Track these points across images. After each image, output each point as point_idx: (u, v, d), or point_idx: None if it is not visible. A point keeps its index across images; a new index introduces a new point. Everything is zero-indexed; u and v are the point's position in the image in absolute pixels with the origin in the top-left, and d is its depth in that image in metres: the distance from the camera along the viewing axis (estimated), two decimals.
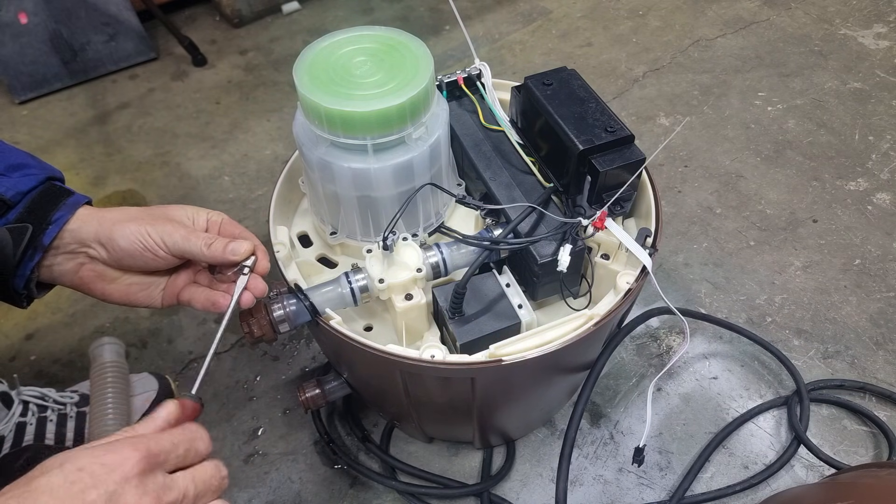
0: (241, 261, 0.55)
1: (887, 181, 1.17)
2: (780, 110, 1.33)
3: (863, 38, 1.49)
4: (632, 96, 1.39)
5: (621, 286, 0.60)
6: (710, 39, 1.52)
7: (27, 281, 0.55)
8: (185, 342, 0.99)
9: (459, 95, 0.75)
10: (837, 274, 1.03)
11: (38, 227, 0.53)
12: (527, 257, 0.61)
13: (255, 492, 0.83)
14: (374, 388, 0.73)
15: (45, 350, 0.99)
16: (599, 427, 0.87)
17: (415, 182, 0.62)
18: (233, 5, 1.62)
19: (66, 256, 0.56)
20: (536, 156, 0.68)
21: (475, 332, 0.59)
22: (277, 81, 1.49)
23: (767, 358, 0.93)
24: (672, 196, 1.17)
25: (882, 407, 0.88)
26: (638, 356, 0.95)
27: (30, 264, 0.54)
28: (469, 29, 1.60)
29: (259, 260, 0.56)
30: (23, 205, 0.54)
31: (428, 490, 0.81)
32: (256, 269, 0.56)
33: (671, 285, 1.03)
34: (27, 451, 0.77)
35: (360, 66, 0.59)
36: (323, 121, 0.57)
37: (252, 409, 0.91)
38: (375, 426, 0.88)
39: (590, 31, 1.58)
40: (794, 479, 0.82)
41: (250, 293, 0.56)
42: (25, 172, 0.55)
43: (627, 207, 0.66)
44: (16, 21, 1.38)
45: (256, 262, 0.56)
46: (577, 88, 0.65)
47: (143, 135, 1.37)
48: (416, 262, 0.60)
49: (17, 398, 0.78)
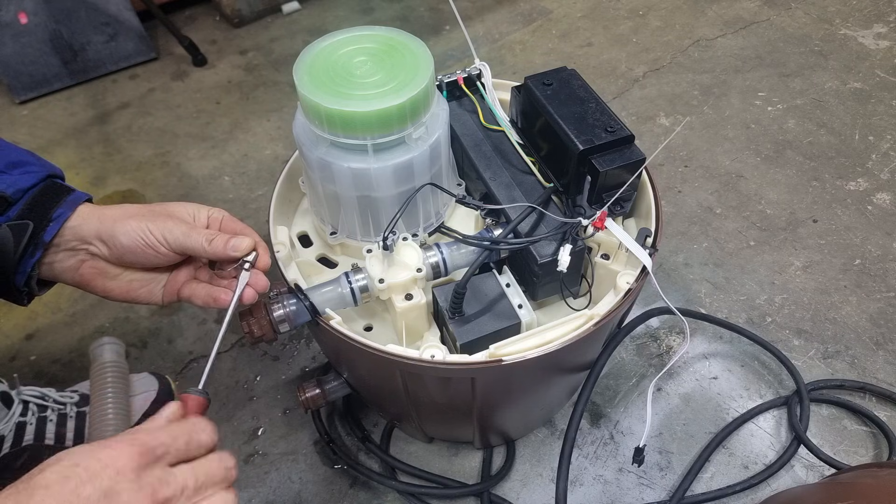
0: (242, 257, 0.55)
1: (887, 181, 1.17)
2: (781, 110, 1.33)
3: (863, 38, 1.49)
4: (632, 96, 1.39)
5: (621, 286, 0.60)
6: (711, 39, 1.52)
7: (28, 278, 0.55)
8: (185, 342, 0.99)
9: (459, 95, 0.75)
10: (837, 274, 1.03)
11: (38, 224, 0.53)
12: (527, 257, 0.61)
13: (255, 492, 0.83)
14: (374, 388, 0.73)
15: (45, 350, 0.99)
16: (599, 427, 0.87)
17: (415, 182, 0.62)
18: (233, 5, 1.62)
19: (67, 253, 0.56)
20: (536, 156, 0.68)
21: (475, 332, 0.59)
22: (277, 81, 1.49)
23: (767, 358, 0.93)
24: (672, 196, 1.17)
25: (882, 407, 0.88)
26: (638, 356, 0.95)
27: (30, 261, 0.54)
28: (469, 29, 1.60)
29: (260, 256, 0.56)
30: (23, 202, 0.54)
31: (428, 490, 0.81)
32: (257, 264, 0.56)
33: (671, 285, 1.03)
34: (27, 451, 0.77)
35: (361, 66, 0.59)
36: (323, 121, 0.57)
37: (252, 409, 0.91)
38: (375, 426, 0.88)
39: (590, 31, 1.58)
40: (794, 479, 0.82)
41: (252, 289, 0.56)
42: (26, 170, 0.56)
43: (627, 207, 0.66)
44: (16, 21, 1.38)
45: (257, 258, 0.56)
46: (577, 88, 0.65)
47: (143, 135, 1.37)
48: (416, 262, 0.60)
49: (17, 398, 0.78)
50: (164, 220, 0.55)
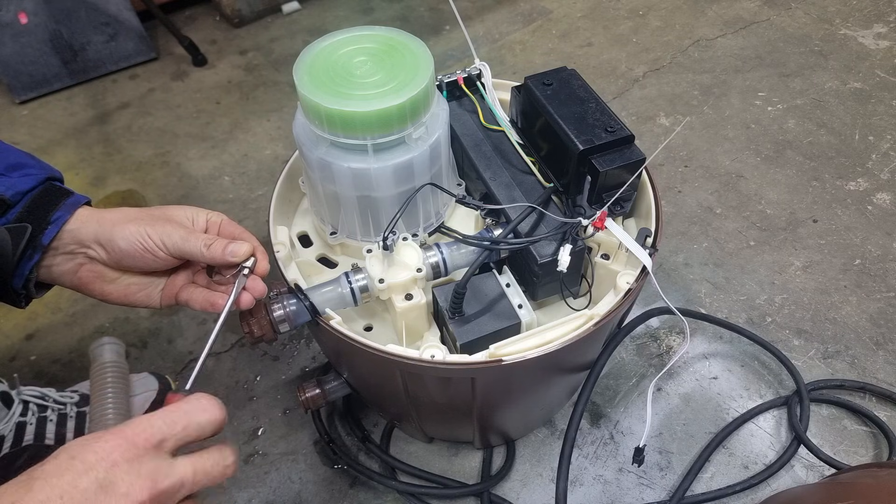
0: (240, 262, 0.55)
1: (887, 181, 1.17)
2: (781, 110, 1.33)
3: (863, 38, 1.49)
4: (632, 96, 1.39)
5: (621, 286, 0.60)
6: (711, 39, 1.52)
7: (26, 281, 0.55)
8: (185, 342, 0.99)
9: (459, 95, 0.75)
10: (837, 274, 1.03)
11: (37, 227, 0.53)
12: (527, 257, 0.61)
13: (255, 492, 0.83)
14: (374, 388, 0.73)
15: (45, 350, 0.99)
16: (599, 427, 0.87)
17: (415, 182, 0.62)
18: (233, 5, 1.62)
19: (66, 257, 0.56)
20: (536, 156, 0.68)
21: (475, 332, 0.59)
22: (277, 81, 1.49)
23: (767, 358, 0.93)
24: (672, 196, 1.17)
25: (882, 407, 0.88)
26: (638, 356, 0.95)
27: (28, 264, 0.54)
28: (469, 29, 1.60)
29: (258, 261, 0.56)
30: (22, 205, 0.54)
31: (428, 490, 0.81)
32: (256, 270, 0.56)
33: (671, 285, 1.03)
34: (27, 451, 0.77)
35: (361, 66, 0.59)
36: (323, 121, 0.57)
37: (252, 409, 0.91)
38: (375, 426, 0.88)
39: (590, 31, 1.58)
40: (794, 479, 0.82)
41: (249, 294, 0.56)
42: (25, 172, 0.55)
43: (627, 207, 0.66)
44: (16, 21, 1.38)
45: (256, 264, 0.56)
46: (577, 88, 0.65)
47: (143, 135, 1.37)
48: (416, 262, 0.60)
49: (17, 398, 0.78)
50: (163, 224, 0.54)
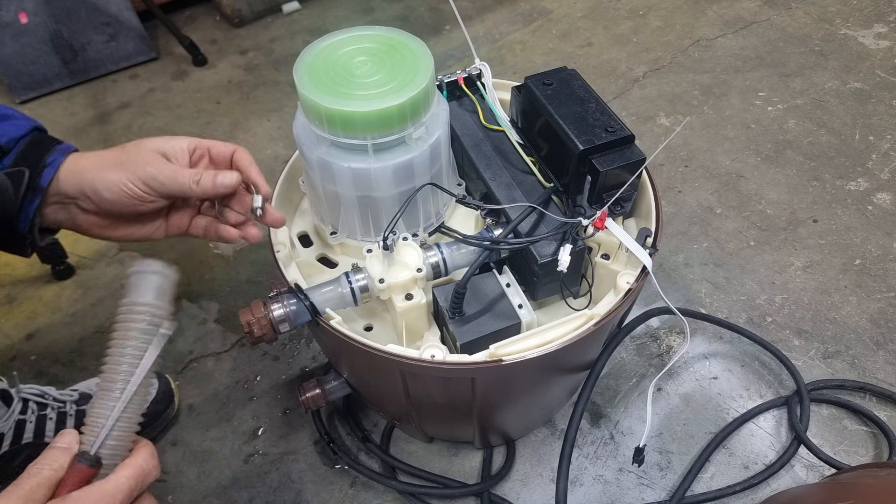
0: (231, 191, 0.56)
1: (887, 181, 1.17)
2: (781, 110, 1.33)
3: (863, 38, 1.49)
4: (632, 96, 1.39)
5: (621, 286, 0.60)
6: (711, 39, 1.52)
7: (31, 225, 0.55)
8: (185, 342, 0.99)
9: (459, 95, 0.75)
10: (838, 274, 1.03)
11: (34, 170, 0.54)
12: (527, 257, 0.61)
13: (255, 492, 0.83)
14: (374, 388, 0.73)
15: (45, 350, 0.99)
16: (599, 427, 0.87)
17: (415, 182, 0.62)
18: (233, 5, 1.62)
19: (57, 207, 0.57)
20: (536, 156, 0.68)
21: (475, 332, 0.59)
22: (277, 81, 1.49)
23: (767, 358, 0.93)
24: (672, 196, 1.17)
25: (882, 407, 0.88)
26: (638, 356, 0.95)
27: (31, 207, 0.54)
28: (469, 29, 1.60)
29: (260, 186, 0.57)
30: (16, 151, 0.55)
31: (428, 490, 0.81)
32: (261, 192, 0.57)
33: (671, 285, 1.03)
34: (26, 449, 0.77)
35: (361, 66, 0.59)
36: (323, 121, 0.57)
37: (252, 409, 0.91)
38: (375, 426, 0.88)
39: (590, 31, 1.58)
40: (794, 479, 0.82)
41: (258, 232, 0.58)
42: (13, 122, 0.56)
43: (627, 207, 0.66)
44: (16, 21, 1.38)
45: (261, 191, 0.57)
46: (577, 88, 0.65)
47: (143, 134, 1.37)
48: (416, 261, 0.60)
49: (16, 396, 0.78)
50: (143, 166, 0.54)
